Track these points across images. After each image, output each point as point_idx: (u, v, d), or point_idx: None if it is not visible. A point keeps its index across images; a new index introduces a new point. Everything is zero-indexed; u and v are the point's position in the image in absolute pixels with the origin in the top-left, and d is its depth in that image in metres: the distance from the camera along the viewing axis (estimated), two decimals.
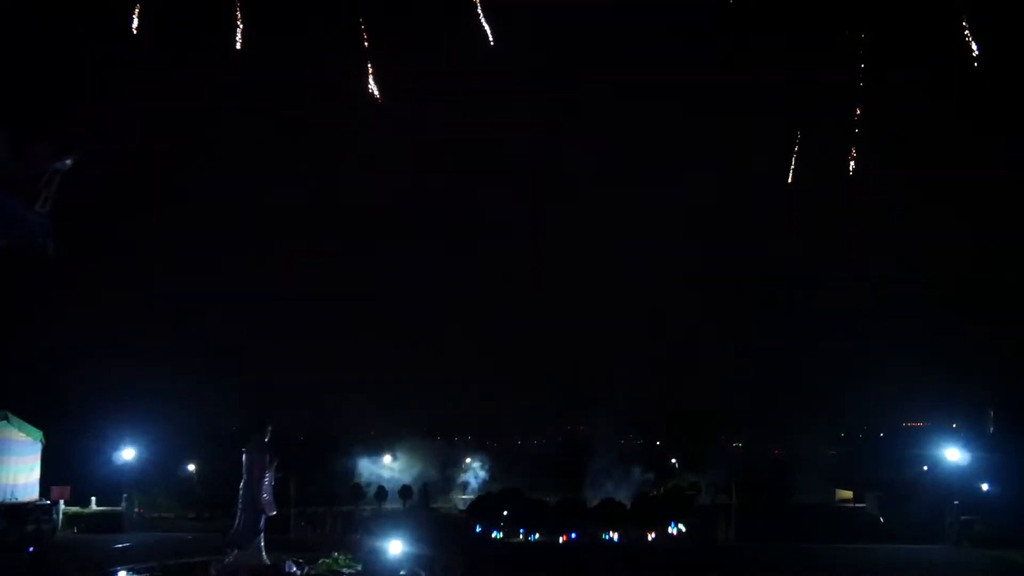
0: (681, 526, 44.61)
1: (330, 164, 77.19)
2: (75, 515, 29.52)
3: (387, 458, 60.71)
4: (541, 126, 74.37)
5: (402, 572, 17.58)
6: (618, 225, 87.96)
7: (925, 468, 43.97)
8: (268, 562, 16.18)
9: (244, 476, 16.49)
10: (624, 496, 51.33)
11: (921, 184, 66.87)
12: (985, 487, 33.21)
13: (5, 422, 26.83)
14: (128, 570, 17.61)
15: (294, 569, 16.19)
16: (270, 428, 17.10)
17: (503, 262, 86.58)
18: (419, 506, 51.09)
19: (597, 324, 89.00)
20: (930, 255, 70.17)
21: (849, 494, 53.42)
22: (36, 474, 28.00)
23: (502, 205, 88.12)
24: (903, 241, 72.84)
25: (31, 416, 28.31)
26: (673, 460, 67.44)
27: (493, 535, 43.22)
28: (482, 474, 62.36)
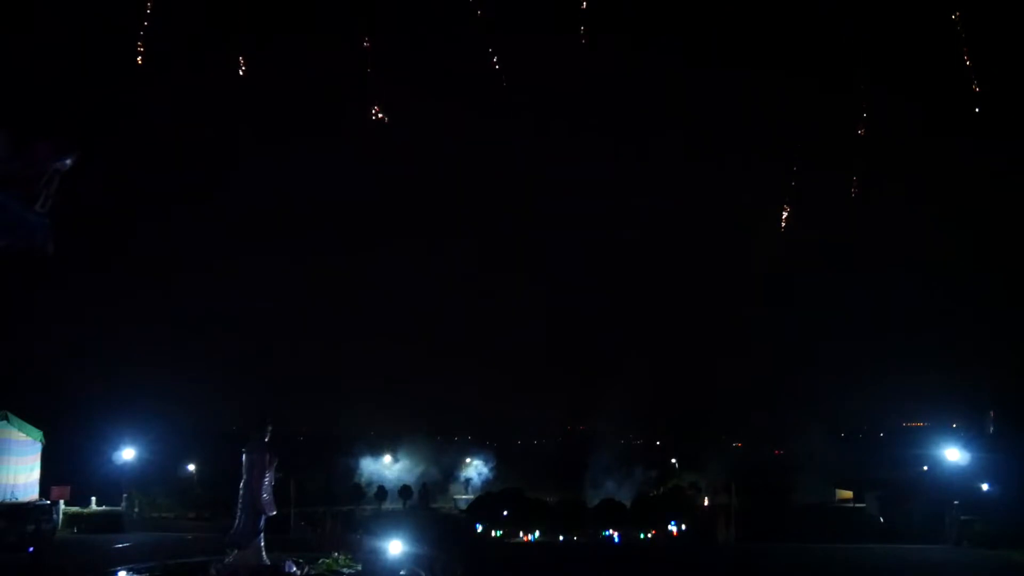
0: (681, 526, 44.64)
1: (329, 165, 77.15)
2: (75, 515, 29.51)
3: (387, 458, 60.78)
4: (540, 146, 74.53)
5: (402, 572, 17.55)
6: (617, 225, 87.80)
7: (925, 468, 43.95)
8: (268, 562, 16.15)
9: (244, 476, 16.46)
10: (624, 496, 51.37)
11: (920, 183, 66.90)
12: (985, 487, 33.18)
13: (5, 422, 26.84)
14: (128, 570, 17.58)
15: (294, 569, 16.17)
16: (270, 428, 17.05)
17: (503, 262, 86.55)
18: (419, 506, 51.09)
19: (597, 323, 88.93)
20: (930, 255, 70.17)
21: (849, 494, 53.42)
22: (36, 474, 28.01)
23: (501, 206, 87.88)
24: (902, 241, 72.82)
25: (31, 416, 28.33)
26: (673, 460, 67.48)
27: (493, 535, 43.23)
28: (483, 473, 62.46)
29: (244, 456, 16.58)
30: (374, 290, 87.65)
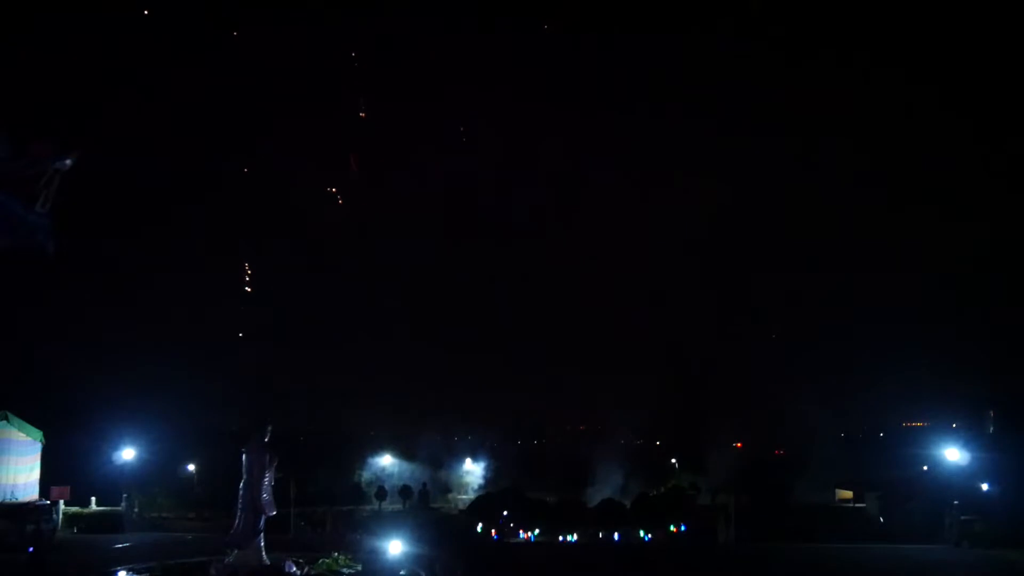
0: (681, 526, 44.61)
1: (326, 162, 77.07)
2: (75, 515, 29.54)
3: (387, 458, 60.78)
4: (561, 137, 74.27)
5: (402, 572, 17.58)
6: (618, 226, 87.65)
7: (925, 468, 43.93)
8: (268, 562, 16.18)
9: (244, 476, 16.49)
10: (625, 496, 51.36)
11: (918, 183, 66.95)
12: (985, 487, 33.17)
13: (5, 422, 26.88)
14: (128, 570, 17.61)
15: (294, 569, 16.19)
16: (270, 428, 17.08)
17: (503, 263, 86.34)
18: (419, 506, 51.05)
19: (596, 324, 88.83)
20: (929, 254, 70.14)
21: (849, 494, 53.35)
22: (36, 474, 28.05)
23: (502, 205, 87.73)
24: (901, 240, 72.79)
25: (31, 416, 28.34)
26: (673, 460, 67.51)
27: (493, 535, 43.21)
28: (483, 473, 62.46)
29: (244, 456, 16.61)
30: (373, 289, 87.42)
